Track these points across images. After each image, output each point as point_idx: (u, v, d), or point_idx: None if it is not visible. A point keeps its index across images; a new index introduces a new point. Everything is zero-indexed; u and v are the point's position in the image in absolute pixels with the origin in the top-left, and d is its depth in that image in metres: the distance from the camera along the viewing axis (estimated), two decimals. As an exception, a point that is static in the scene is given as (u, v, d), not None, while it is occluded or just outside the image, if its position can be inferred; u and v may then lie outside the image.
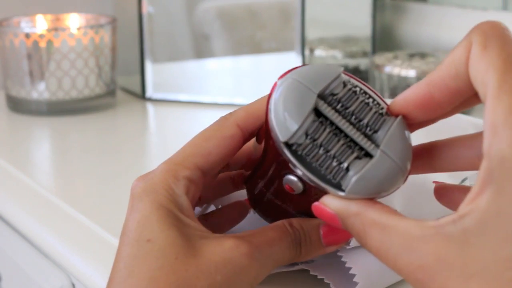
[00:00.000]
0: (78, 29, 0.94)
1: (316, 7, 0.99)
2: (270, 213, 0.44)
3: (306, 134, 0.36)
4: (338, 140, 0.36)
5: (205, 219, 0.46)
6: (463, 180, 0.51)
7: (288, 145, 0.36)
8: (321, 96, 0.37)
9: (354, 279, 0.43)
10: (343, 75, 0.38)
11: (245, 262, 0.38)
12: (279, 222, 0.41)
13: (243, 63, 1.15)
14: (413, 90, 0.35)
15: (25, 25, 1.00)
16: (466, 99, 0.35)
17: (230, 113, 0.43)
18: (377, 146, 0.36)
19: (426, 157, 0.39)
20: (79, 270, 0.58)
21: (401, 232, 0.33)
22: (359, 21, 1.05)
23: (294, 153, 0.37)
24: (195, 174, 0.41)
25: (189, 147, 0.42)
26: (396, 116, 0.37)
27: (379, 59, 0.93)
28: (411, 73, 0.89)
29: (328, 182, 0.36)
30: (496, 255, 0.30)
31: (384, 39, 1.08)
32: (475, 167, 0.36)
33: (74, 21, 1.02)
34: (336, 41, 1.05)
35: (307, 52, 0.99)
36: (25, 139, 0.88)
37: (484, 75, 0.32)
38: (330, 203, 0.36)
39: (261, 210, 0.45)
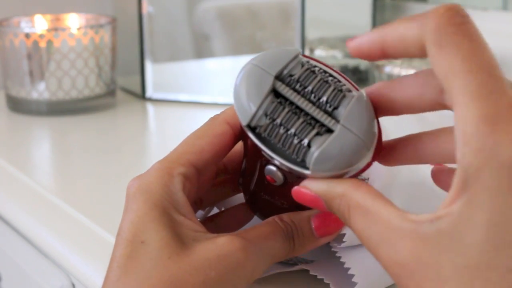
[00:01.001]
0: (78, 29, 0.94)
1: (316, 7, 1.00)
2: (266, 212, 0.44)
3: (266, 115, 0.37)
4: (298, 118, 0.37)
5: (211, 221, 0.46)
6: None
7: (251, 128, 0.37)
8: (279, 78, 0.38)
9: (353, 279, 0.43)
10: (301, 56, 0.38)
11: (240, 256, 0.38)
12: (270, 218, 0.41)
13: (243, 63, 1.14)
14: (367, 35, 0.35)
15: (25, 25, 1.00)
16: (429, 104, 0.35)
17: (219, 113, 0.44)
18: (338, 121, 0.36)
19: (412, 148, 0.39)
20: (79, 270, 0.58)
21: (382, 220, 0.33)
22: (359, 21, 1.05)
23: (258, 136, 0.37)
24: (189, 171, 0.41)
25: (182, 146, 0.42)
26: (357, 90, 0.37)
27: (379, 59, 0.93)
28: (411, 73, 0.88)
29: (294, 162, 0.36)
30: (467, 262, 0.30)
31: (384, 39, 1.08)
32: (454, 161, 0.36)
33: (74, 21, 1.02)
34: (336, 41, 1.05)
35: (307, 52, 0.99)
36: (25, 139, 0.88)
37: (445, 77, 0.31)
38: (313, 186, 0.36)
39: (258, 210, 0.45)
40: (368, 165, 0.37)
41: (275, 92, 0.37)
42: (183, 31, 1.14)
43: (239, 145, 0.43)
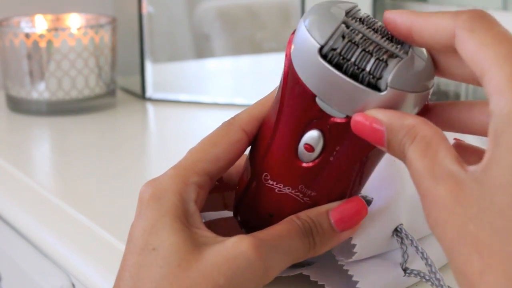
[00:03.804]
0: (78, 29, 0.94)
1: (316, 7, 0.99)
2: (255, 222, 0.43)
3: (343, 36, 0.37)
4: (372, 42, 0.37)
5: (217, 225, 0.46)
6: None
7: (323, 56, 0.36)
8: (347, 14, 0.38)
9: (357, 285, 0.43)
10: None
11: (251, 255, 0.37)
12: (286, 218, 0.40)
13: (243, 63, 1.15)
14: (404, 12, 0.37)
15: (25, 25, 1.00)
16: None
17: (233, 117, 0.43)
18: (406, 51, 0.37)
19: (448, 114, 0.39)
20: (79, 270, 0.58)
21: (437, 158, 0.33)
22: (359, 21, 1.05)
23: (329, 63, 0.36)
24: (203, 179, 0.41)
25: (197, 153, 0.42)
26: None
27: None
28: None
29: (368, 86, 0.36)
30: (499, 200, 0.31)
31: (384, 39, 1.08)
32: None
33: (74, 21, 1.02)
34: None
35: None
36: (25, 139, 0.88)
37: (476, 54, 0.33)
38: (380, 113, 0.36)
39: (246, 217, 0.44)
40: (427, 98, 0.38)
41: (344, 24, 0.37)
42: (183, 31, 1.14)
43: (238, 162, 0.43)
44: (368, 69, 0.36)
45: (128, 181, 0.73)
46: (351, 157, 0.39)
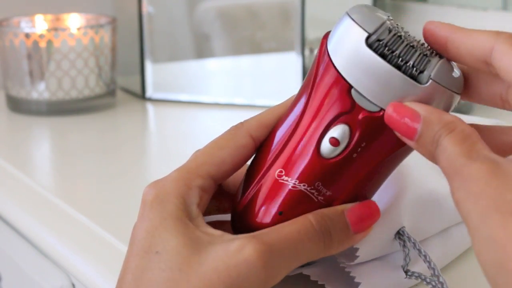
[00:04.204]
0: (78, 29, 0.94)
1: (316, 7, 0.99)
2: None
3: (389, 30, 0.38)
4: (414, 40, 0.38)
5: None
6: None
7: (368, 45, 0.37)
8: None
9: (360, 287, 0.43)
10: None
11: (254, 264, 0.37)
12: (300, 217, 0.39)
13: (243, 63, 1.15)
14: (444, 24, 0.38)
15: (25, 25, 0.99)
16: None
17: (242, 122, 0.43)
18: (440, 57, 0.38)
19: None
20: (79, 270, 0.58)
21: (476, 148, 0.34)
22: (359, 21, 1.05)
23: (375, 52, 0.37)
24: (207, 183, 0.41)
25: (202, 156, 0.42)
26: None
27: (379, 59, 0.93)
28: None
29: (410, 77, 0.37)
30: None
31: (384, 39, 1.08)
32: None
33: (74, 21, 1.02)
34: (336, 41, 1.05)
35: (307, 52, 0.99)
36: (25, 139, 0.88)
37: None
38: (419, 107, 0.36)
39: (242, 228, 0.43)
40: (455, 103, 0.39)
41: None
42: (183, 31, 1.14)
43: (240, 171, 0.43)
44: (412, 62, 0.37)
45: (128, 181, 0.73)
46: (374, 156, 0.39)
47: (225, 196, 0.45)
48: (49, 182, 0.74)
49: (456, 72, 0.38)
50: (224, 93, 1.01)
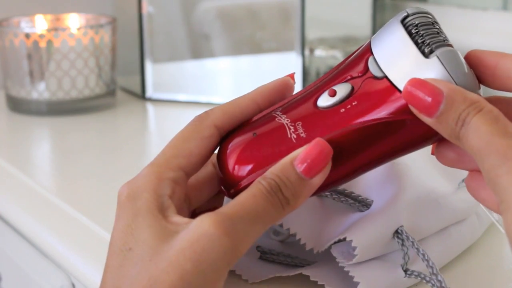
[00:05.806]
0: (78, 29, 0.94)
1: (316, 7, 0.99)
2: None
3: (427, 17, 0.40)
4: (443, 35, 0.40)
5: None
6: (462, 181, 0.51)
7: (403, 23, 0.40)
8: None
9: (359, 287, 0.43)
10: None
11: (214, 234, 0.37)
12: (252, 183, 0.39)
13: (243, 63, 1.15)
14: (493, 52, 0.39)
15: (25, 25, 1.00)
16: None
17: (206, 112, 0.44)
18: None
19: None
20: (79, 270, 0.58)
21: (503, 128, 0.34)
22: (359, 21, 1.05)
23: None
24: (178, 175, 0.41)
25: (170, 149, 0.42)
26: None
27: (379, 59, 0.93)
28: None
29: (421, 52, 0.38)
30: None
31: (384, 39, 1.07)
32: None
33: (74, 21, 1.02)
34: (336, 41, 1.05)
35: (307, 52, 0.99)
36: (25, 139, 0.88)
37: None
38: (442, 85, 0.36)
39: None
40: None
41: None
42: (183, 31, 1.14)
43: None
44: (428, 41, 0.38)
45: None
46: (357, 117, 0.40)
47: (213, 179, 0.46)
48: (49, 182, 0.74)
49: (465, 66, 0.38)
50: (224, 93, 1.01)
